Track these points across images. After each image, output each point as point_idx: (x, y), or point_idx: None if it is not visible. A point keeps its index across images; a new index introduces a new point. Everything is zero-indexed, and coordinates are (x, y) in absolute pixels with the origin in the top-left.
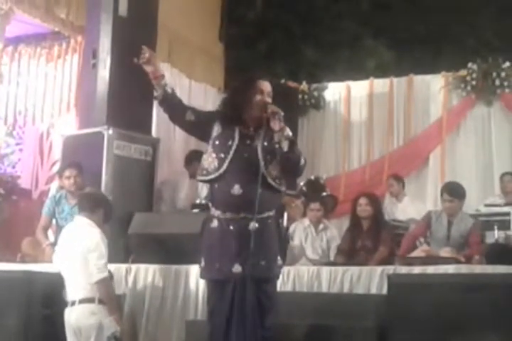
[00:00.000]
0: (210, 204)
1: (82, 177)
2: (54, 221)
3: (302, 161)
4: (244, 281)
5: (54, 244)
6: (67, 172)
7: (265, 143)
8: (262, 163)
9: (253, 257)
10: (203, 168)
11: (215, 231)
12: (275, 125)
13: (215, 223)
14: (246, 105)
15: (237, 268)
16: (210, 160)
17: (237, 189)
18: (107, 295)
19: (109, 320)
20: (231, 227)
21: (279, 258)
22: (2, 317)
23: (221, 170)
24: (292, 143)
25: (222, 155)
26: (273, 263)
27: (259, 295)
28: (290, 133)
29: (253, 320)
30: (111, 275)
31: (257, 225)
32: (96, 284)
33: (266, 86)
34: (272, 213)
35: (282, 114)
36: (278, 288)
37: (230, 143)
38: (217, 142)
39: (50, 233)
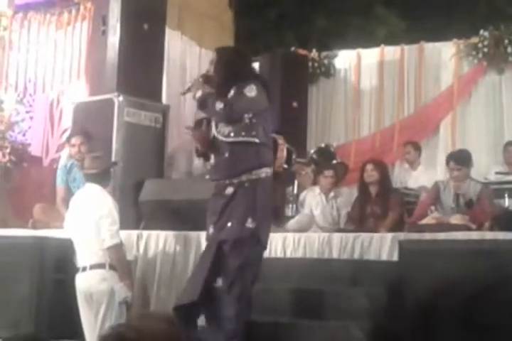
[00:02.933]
0: None
1: (88, 145)
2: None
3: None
4: (215, 241)
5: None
6: (72, 140)
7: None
8: (213, 126)
9: (221, 220)
10: None
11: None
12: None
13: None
14: None
15: (211, 230)
16: None
17: (212, 159)
18: (119, 260)
19: (120, 286)
20: (213, 193)
21: (249, 220)
22: (15, 283)
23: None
24: (201, 102)
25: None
26: (239, 225)
27: (219, 257)
28: (198, 95)
29: (201, 279)
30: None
31: (231, 189)
32: (108, 250)
33: (212, 56)
34: (254, 175)
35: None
36: (289, 255)
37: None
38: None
39: None
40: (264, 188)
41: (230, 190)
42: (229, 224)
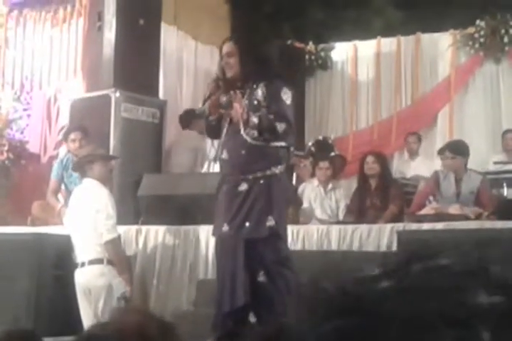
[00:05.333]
0: None
1: (88, 140)
2: (63, 185)
3: (279, 128)
4: (234, 240)
5: (66, 207)
6: (72, 136)
7: (246, 102)
8: (241, 125)
9: (238, 218)
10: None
11: (220, 193)
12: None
13: (222, 185)
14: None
15: (225, 228)
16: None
17: (224, 153)
18: (116, 255)
19: (118, 281)
20: (224, 188)
21: (269, 218)
22: (14, 279)
23: (221, 141)
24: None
25: (223, 125)
26: (259, 225)
27: (250, 254)
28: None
29: (243, 278)
30: (119, 236)
31: (246, 186)
32: (105, 245)
33: (224, 48)
34: (269, 171)
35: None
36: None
37: (227, 111)
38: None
39: (60, 197)
40: (279, 183)
41: (244, 187)
42: (247, 224)
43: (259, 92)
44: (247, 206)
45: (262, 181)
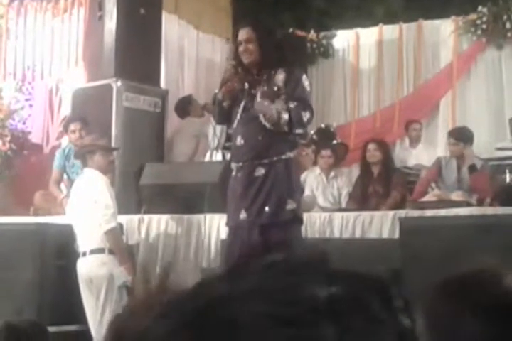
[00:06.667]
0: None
1: (88, 130)
2: (65, 175)
3: (304, 118)
4: (251, 227)
5: (68, 197)
6: (71, 127)
7: (264, 88)
8: (261, 116)
9: (256, 204)
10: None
11: (231, 181)
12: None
13: (232, 173)
14: (238, 55)
15: (243, 215)
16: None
17: (239, 140)
18: (117, 245)
19: (119, 270)
20: (239, 175)
21: (289, 201)
22: (17, 269)
23: (233, 127)
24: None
25: (235, 112)
26: (279, 209)
27: (268, 239)
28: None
29: None
30: (120, 225)
31: (263, 171)
32: (105, 234)
33: (241, 34)
34: (284, 156)
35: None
36: None
37: (240, 98)
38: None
39: (63, 187)
40: (295, 167)
41: (260, 171)
42: (267, 209)
43: (280, 78)
44: (266, 190)
45: (279, 165)
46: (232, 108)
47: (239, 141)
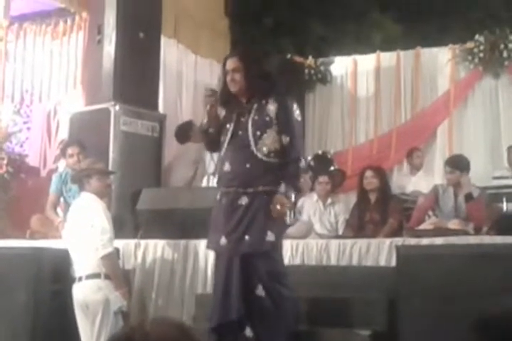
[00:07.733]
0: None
1: (85, 154)
2: (62, 199)
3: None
4: (231, 254)
5: (65, 221)
6: (69, 151)
7: (255, 117)
8: (251, 140)
9: (237, 231)
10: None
11: (216, 205)
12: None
13: (217, 197)
14: (226, 84)
15: (223, 241)
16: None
17: (227, 166)
18: (113, 270)
19: (115, 295)
20: (223, 201)
21: (269, 233)
22: (12, 293)
23: (222, 153)
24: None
25: (223, 139)
26: (259, 239)
27: (247, 268)
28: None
29: (238, 292)
30: (116, 250)
31: (247, 200)
32: (101, 259)
33: (229, 64)
34: (270, 187)
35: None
36: (287, 262)
37: (228, 125)
38: (223, 126)
39: (59, 211)
40: None
41: (244, 200)
42: (246, 237)
43: (271, 108)
44: (248, 219)
45: (263, 196)
46: (220, 134)
47: (226, 166)
